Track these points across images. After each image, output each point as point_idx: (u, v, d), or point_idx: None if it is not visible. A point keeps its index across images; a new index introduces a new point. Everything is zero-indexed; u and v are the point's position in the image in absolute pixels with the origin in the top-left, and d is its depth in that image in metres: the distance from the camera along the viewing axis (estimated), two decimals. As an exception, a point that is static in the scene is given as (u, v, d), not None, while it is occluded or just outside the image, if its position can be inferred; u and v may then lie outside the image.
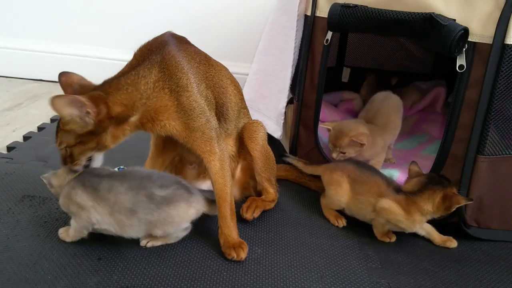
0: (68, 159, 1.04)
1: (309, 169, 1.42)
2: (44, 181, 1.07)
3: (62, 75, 1.08)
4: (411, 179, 1.20)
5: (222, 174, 1.10)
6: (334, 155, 1.42)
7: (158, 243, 1.08)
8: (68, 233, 1.06)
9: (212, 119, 1.09)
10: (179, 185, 1.06)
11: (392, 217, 1.14)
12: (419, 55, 2.21)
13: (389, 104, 1.61)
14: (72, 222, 1.04)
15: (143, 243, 1.07)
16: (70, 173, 1.05)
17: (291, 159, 1.47)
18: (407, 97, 2.08)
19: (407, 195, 1.14)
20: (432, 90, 2.09)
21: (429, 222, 1.19)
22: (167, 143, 1.18)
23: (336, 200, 1.25)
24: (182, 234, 1.09)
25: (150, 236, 1.07)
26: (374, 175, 1.22)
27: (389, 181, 1.21)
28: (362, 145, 1.39)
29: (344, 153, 1.41)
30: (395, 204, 1.14)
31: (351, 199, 1.23)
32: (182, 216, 1.05)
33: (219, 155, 1.09)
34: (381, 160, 1.51)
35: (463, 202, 1.11)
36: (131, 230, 1.03)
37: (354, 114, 2.00)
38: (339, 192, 1.24)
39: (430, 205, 1.12)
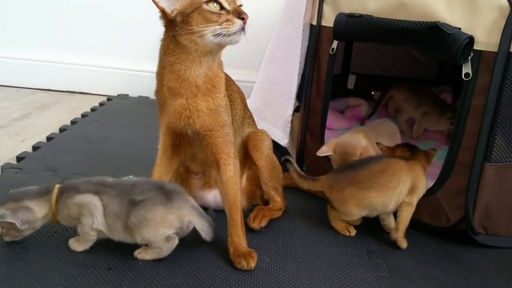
0: None
1: (305, 185, 1.29)
2: (16, 222, 1.02)
3: None
4: (391, 152, 1.28)
5: (235, 180, 1.11)
6: None
7: (147, 256, 1.07)
8: (79, 242, 1.08)
9: (231, 125, 1.12)
10: (160, 191, 1.06)
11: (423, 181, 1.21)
12: (424, 61, 2.22)
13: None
14: (79, 229, 1.06)
15: (136, 253, 1.08)
16: (45, 199, 1.06)
17: (289, 166, 1.30)
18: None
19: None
20: (439, 96, 2.09)
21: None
22: (174, 150, 1.18)
23: (358, 214, 1.22)
24: (165, 246, 1.06)
25: (142, 247, 1.08)
26: (372, 163, 1.21)
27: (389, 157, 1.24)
28: None
29: None
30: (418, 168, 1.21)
31: (377, 200, 1.20)
32: (158, 220, 1.04)
33: (234, 161, 1.12)
34: None
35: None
36: (118, 234, 1.05)
37: (361, 120, 2.01)
38: (360, 208, 1.21)
39: (427, 163, 1.24)
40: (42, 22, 2.45)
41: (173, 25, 1.00)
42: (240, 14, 0.98)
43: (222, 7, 0.98)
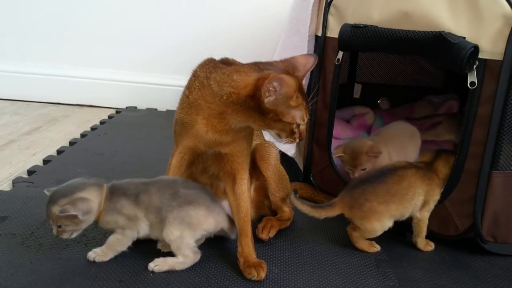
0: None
1: (323, 214, 1.20)
2: (78, 213, 1.01)
3: None
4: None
5: (248, 193, 1.15)
6: (357, 174, 1.45)
7: (164, 267, 1.08)
8: (106, 252, 1.09)
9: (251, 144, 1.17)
10: (203, 190, 1.11)
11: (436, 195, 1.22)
12: (430, 69, 2.22)
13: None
14: (115, 237, 1.08)
15: (150, 266, 1.08)
16: (97, 190, 1.06)
17: (296, 202, 1.21)
18: (419, 111, 2.09)
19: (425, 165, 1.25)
20: (445, 104, 2.10)
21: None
22: (187, 165, 1.19)
23: (381, 229, 1.20)
24: (190, 257, 1.08)
25: (159, 258, 1.09)
26: (387, 176, 1.20)
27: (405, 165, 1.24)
28: (377, 156, 1.45)
29: (365, 169, 1.44)
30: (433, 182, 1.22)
31: (396, 213, 1.20)
32: (200, 220, 1.06)
33: (247, 176, 1.15)
34: None
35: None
36: (156, 229, 1.07)
37: (367, 129, 2.01)
38: (383, 222, 1.20)
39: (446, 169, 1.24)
40: (50, 37, 2.50)
41: (257, 103, 0.99)
42: (302, 136, 1.06)
43: (298, 124, 1.03)
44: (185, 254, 1.08)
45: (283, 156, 1.39)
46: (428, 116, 2.01)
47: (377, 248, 1.23)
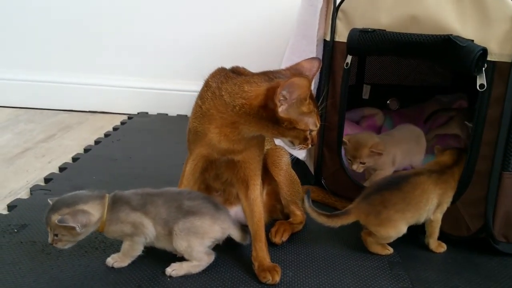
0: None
1: (339, 223, 1.21)
2: (77, 225, 1.03)
3: None
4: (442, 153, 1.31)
5: (261, 199, 1.17)
6: (354, 166, 1.48)
7: (181, 272, 1.10)
8: (123, 258, 1.12)
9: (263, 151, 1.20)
10: (207, 200, 1.13)
11: (450, 197, 1.24)
12: (439, 69, 2.22)
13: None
14: (127, 244, 1.11)
15: (168, 271, 1.11)
16: (99, 203, 1.09)
17: (312, 213, 1.22)
18: (429, 111, 2.09)
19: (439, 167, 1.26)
20: (454, 103, 2.10)
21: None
22: (200, 172, 1.22)
23: (396, 236, 1.21)
24: (204, 259, 1.11)
25: (175, 263, 1.11)
26: (401, 183, 1.21)
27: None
28: (380, 154, 1.46)
29: (364, 163, 1.47)
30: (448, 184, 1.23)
31: (412, 220, 1.22)
32: (205, 229, 1.09)
33: (260, 181, 1.17)
34: (387, 173, 1.54)
35: None
36: (164, 240, 1.10)
37: (377, 130, 2.02)
38: (399, 229, 1.20)
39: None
40: (62, 46, 2.54)
41: (270, 113, 1.00)
42: (314, 142, 1.08)
43: (311, 130, 1.06)
44: (198, 258, 1.11)
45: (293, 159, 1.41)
46: (444, 109, 2.02)
47: (390, 250, 1.24)
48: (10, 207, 1.42)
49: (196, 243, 1.09)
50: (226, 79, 1.07)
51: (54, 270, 1.11)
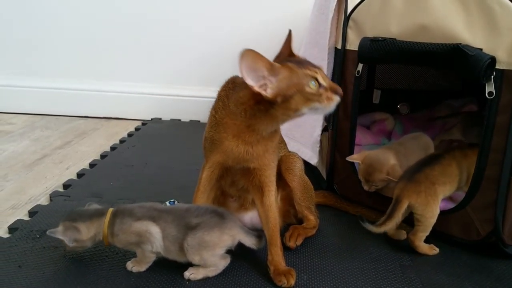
0: None
1: (396, 214, 1.24)
2: (65, 239, 1.14)
3: None
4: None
5: (276, 205, 1.20)
6: (366, 187, 1.46)
7: (199, 275, 1.14)
8: (139, 264, 1.17)
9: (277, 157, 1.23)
10: (214, 214, 1.16)
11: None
12: (448, 73, 2.24)
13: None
14: (139, 252, 1.15)
15: (186, 275, 1.14)
16: (96, 222, 1.15)
17: (370, 227, 1.26)
18: (439, 115, 2.11)
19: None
20: (464, 108, 2.12)
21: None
22: (216, 179, 1.25)
23: (437, 214, 1.26)
24: (220, 264, 1.15)
25: (193, 267, 1.15)
26: (440, 158, 1.31)
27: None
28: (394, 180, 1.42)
29: (377, 186, 1.45)
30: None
31: (449, 192, 1.31)
32: (215, 241, 1.12)
33: (275, 187, 1.21)
34: None
35: None
36: (173, 254, 1.14)
37: (387, 134, 2.05)
38: (438, 205, 1.26)
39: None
40: (77, 53, 2.60)
41: (268, 102, 1.03)
42: (337, 90, 1.03)
43: (320, 85, 1.02)
44: (213, 264, 1.15)
45: (306, 164, 1.44)
46: (453, 114, 2.04)
47: (436, 250, 1.29)
48: (31, 213, 1.47)
49: (209, 255, 1.13)
50: (232, 89, 1.12)
51: (77, 275, 1.15)
